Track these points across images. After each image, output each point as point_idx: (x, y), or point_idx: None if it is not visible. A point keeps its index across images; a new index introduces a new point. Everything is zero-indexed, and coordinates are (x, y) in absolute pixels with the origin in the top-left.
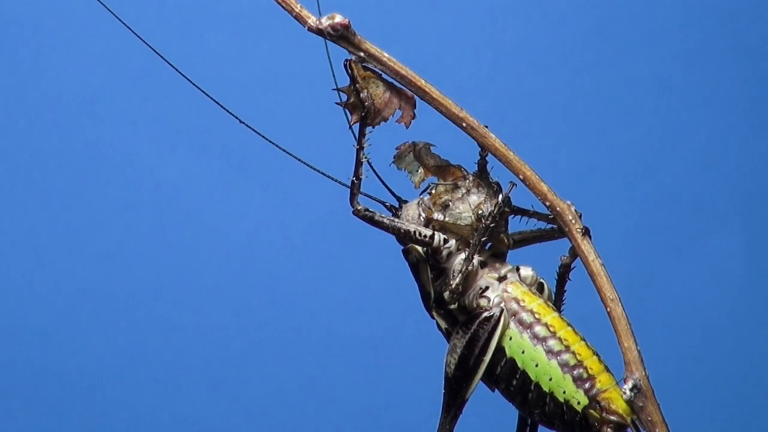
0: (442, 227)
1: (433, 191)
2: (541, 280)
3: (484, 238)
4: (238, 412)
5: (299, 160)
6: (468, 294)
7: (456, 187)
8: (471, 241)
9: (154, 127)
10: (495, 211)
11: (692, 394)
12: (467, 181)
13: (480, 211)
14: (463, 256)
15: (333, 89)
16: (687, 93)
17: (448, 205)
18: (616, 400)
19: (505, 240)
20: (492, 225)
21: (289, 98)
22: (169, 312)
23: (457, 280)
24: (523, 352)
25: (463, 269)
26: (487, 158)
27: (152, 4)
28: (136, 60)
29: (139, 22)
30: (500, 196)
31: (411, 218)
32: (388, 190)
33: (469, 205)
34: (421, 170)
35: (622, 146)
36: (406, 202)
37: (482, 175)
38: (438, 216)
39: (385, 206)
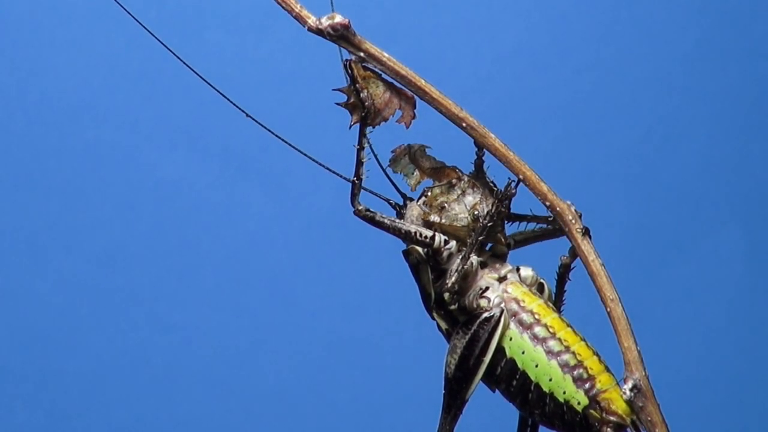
0: (440, 229)
1: (429, 193)
2: (541, 281)
3: (481, 238)
4: (238, 412)
5: (307, 156)
6: (468, 294)
7: (452, 188)
8: (468, 240)
9: (154, 127)
10: (492, 210)
11: (692, 394)
12: (462, 182)
13: (476, 212)
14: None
15: (333, 89)
16: (687, 93)
17: (444, 207)
18: (617, 400)
19: (503, 239)
20: (489, 224)
21: (289, 98)
22: (169, 312)
23: (454, 278)
24: (523, 353)
25: (460, 268)
26: (484, 158)
27: (152, 4)
28: (136, 60)
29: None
30: (496, 193)
31: (416, 217)
32: (394, 187)
33: (465, 206)
34: (416, 173)
35: (622, 146)
36: (411, 200)
37: (479, 175)
38: (434, 218)
39: (390, 204)
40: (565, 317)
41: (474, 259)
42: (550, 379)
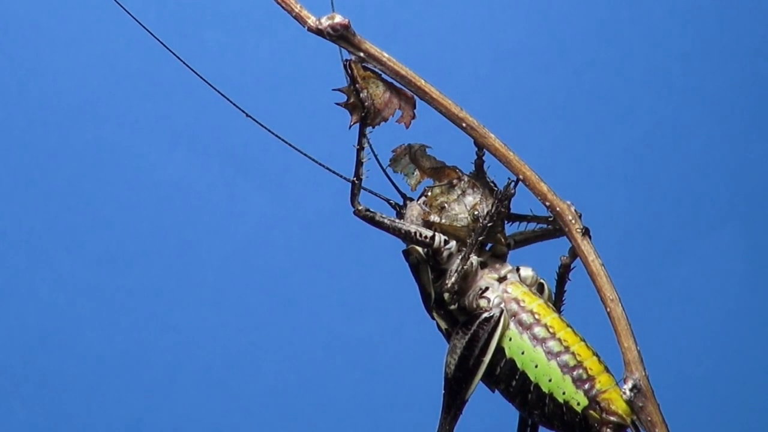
0: (440, 229)
1: (429, 193)
2: (541, 281)
3: (481, 238)
4: (238, 412)
5: (309, 156)
6: (468, 294)
7: (452, 188)
8: (468, 240)
9: (154, 127)
10: (492, 210)
11: (692, 394)
12: (462, 182)
13: (476, 212)
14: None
15: (333, 89)
16: (687, 93)
17: (444, 207)
18: (616, 400)
19: (503, 239)
20: (489, 224)
21: (289, 99)
22: (169, 312)
23: (453, 278)
24: (522, 353)
25: (460, 268)
26: (484, 157)
27: (152, 4)
28: (136, 60)
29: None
30: (496, 193)
31: (416, 217)
32: (394, 187)
33: (465, 206)
34: (417, 173)
35: (622, 146)
36: (411, 200)
37: (479, 175)
38: (434, 218)
39: (390, 204)
40: (565, 317)
41: (474, 259)
42: (550, 380)
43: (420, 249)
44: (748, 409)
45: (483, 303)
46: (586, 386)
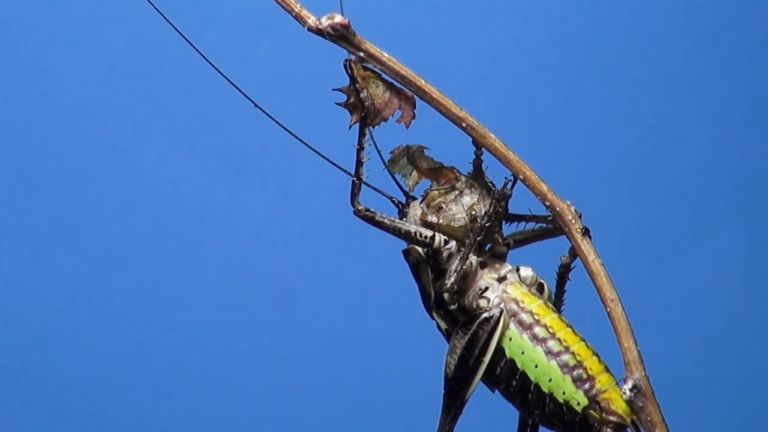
0: (439, 229)
1: (428, 194)
2: (541, 281)
3: (479, 238)
4: (238, 412)
5: (313, 149)
6: (468, 295)
7: (449, 188)
8: (466, 240)
9: (154, 127)
10: (490, 210)
11: (692, 394)
12: (460, 182)
13: (473, 212)
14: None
15: (333, 89)
16: (687, 93)
17: (442, 207)
18: (616, 400)
19: (500, 239)
20: (487, 224)
21: (289, 99)
22: (169, 312)
23: (453, 278)
24: (522, 353)
25: (458, 268)
26: (482, 157)
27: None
28: (136, 60)
29: (139, 23)
30: (494, 193)
31: (416, 217)
32: (398, 186)
33: (462, 206)
34: (414, 173)
35: (622, 146)
36: (414, 199)
37: (477, 175)
38: (432, 218)
39: (392, 201)
40: (565, 317)
41: (473, 259)
42: (550, 380)
43: (420, 249)
44: (748, 409)
45: (483, 303)
46: (586, 386)
